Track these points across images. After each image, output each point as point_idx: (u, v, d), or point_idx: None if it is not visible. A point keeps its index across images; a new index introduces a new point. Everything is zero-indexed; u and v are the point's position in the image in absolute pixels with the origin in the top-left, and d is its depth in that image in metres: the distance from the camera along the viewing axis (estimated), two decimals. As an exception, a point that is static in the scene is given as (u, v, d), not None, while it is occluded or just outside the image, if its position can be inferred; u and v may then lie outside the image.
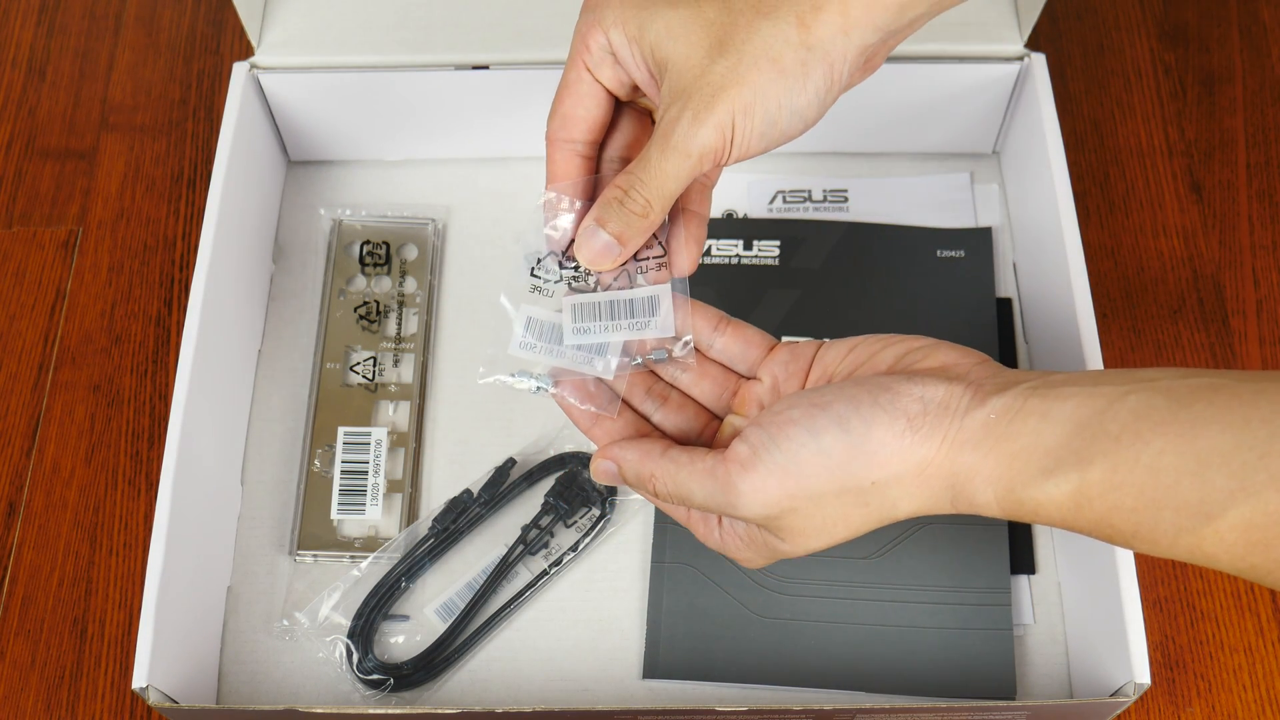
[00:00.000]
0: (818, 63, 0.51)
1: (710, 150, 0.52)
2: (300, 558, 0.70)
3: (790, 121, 0.52)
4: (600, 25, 0.53)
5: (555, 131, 0.56)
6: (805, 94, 0.51)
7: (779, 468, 0.50)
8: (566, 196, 0.56)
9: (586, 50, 0.54)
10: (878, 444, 0.49)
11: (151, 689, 0.60)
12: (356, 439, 0.72)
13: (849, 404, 0.50)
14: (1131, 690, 0.59)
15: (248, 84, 0.75)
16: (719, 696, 0.67)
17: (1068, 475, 0.47)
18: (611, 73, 0.54)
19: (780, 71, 0.51)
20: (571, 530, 0.71)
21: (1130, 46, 0.87)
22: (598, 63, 0.54)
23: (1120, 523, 0.46)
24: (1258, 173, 0.82)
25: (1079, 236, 0.69)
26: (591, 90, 0.55)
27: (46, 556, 0.73)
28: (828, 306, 0.76)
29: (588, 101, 0.55)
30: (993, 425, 0.48)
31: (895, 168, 0.81)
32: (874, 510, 0.51)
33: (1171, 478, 0.45)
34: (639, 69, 0.54)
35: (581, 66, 0.55)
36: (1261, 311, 0.78)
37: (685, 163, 0.52)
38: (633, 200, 0.53)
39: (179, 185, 0.84)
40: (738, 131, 0.51)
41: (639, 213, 0.53)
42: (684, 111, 0.51)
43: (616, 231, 0.54)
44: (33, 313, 0.80)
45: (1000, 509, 0.49)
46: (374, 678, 0.66)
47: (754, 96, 0.51)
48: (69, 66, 0.89)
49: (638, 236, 0.54)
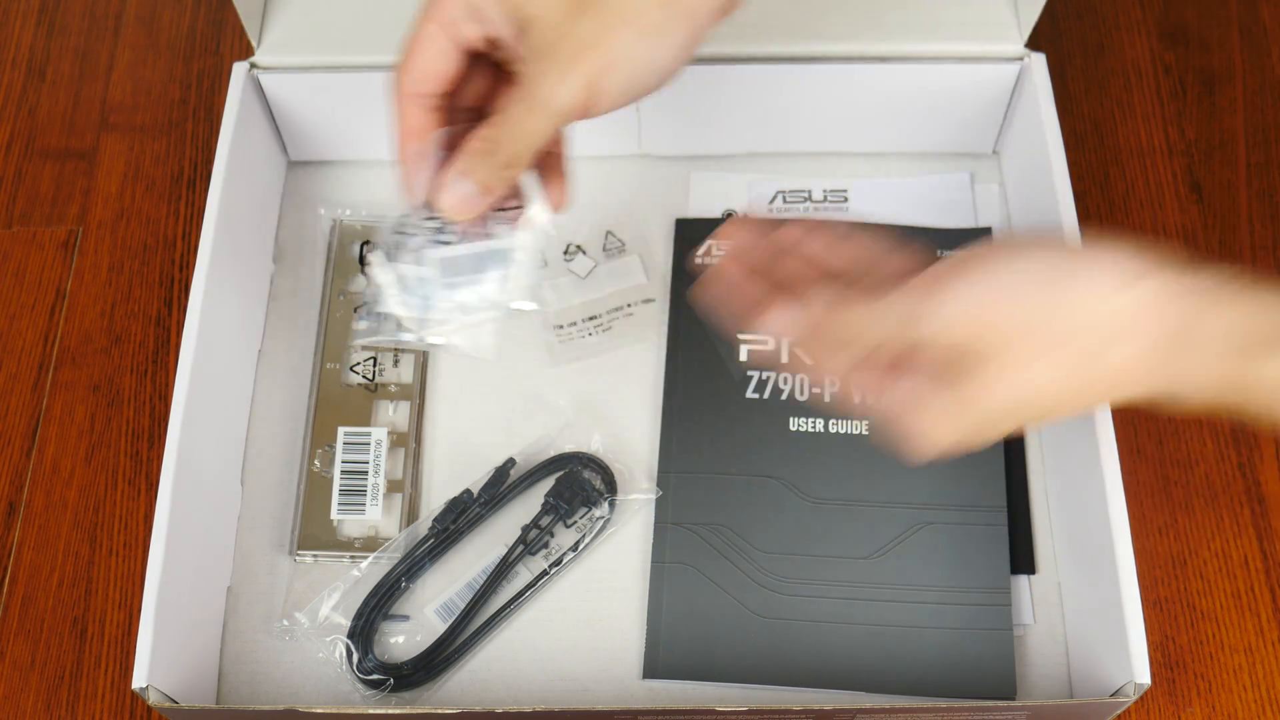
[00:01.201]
0: (678, 18, 0.52)
1: (574, 107, 0.53)
2: (300, 558, 0.70)
3: (651, 77, 0.53)
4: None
5: (407, 86, 0.56)
6: (666, 50, 0.53)
7: (982, 278, 0.49)
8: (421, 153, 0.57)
9: (441, 9, 0.54)
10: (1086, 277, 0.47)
11: (151, 689, 0.60)
12: (356, 439, 0.72)
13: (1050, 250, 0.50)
14: (1132, 690, 0.59)
15: (247, 84, 0.75)
16: (719, 696, 0.67)
17: None
18: (472, 27, 0.55)
19: (640, 30, 0.52)
20: (571, 530, 0.71)
21: (1130, 46, 0.87)
22: (453, 20, 0.55)
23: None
24: (1258, 173, 0.82)
25: (1079, 236, 0.69)
26: (448, 45, 0.55)
27: (46, 556, 0.73)
28: (828, 306, 0.76)
29: (442, 58, 0.56)
30: (1225, 282, 0.47)
31: (895, 168, 0.81)
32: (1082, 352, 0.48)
33: None
34: (503, 25, 0.54)
35: (436, 23, 0.55)
36: (1261, 311, 0.78)
37: (549, 120, 0.53)
38: (498, 154, 0.54)
39: (179, 185, 0.84)
40: (600, 89, 0.53)
41: (503, 164, 0.54)
42: (549, 70, 0.52)
43: (481, 181, 0.55)
44: (33, 313, 0.80)
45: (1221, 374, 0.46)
46: (374, 678, 0.66)
47: (615, 56, 0.52)
48: (69, 66, 0.89)
49: (501, 187, 0.55)
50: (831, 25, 0.75)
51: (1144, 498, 0.73)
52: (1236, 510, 0.73)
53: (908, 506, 0.70)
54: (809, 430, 0.72)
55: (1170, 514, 0.73)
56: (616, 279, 0.78)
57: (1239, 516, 0.72)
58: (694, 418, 0.73)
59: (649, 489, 0.71)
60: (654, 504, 0.71)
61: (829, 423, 0.72)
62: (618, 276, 0.78)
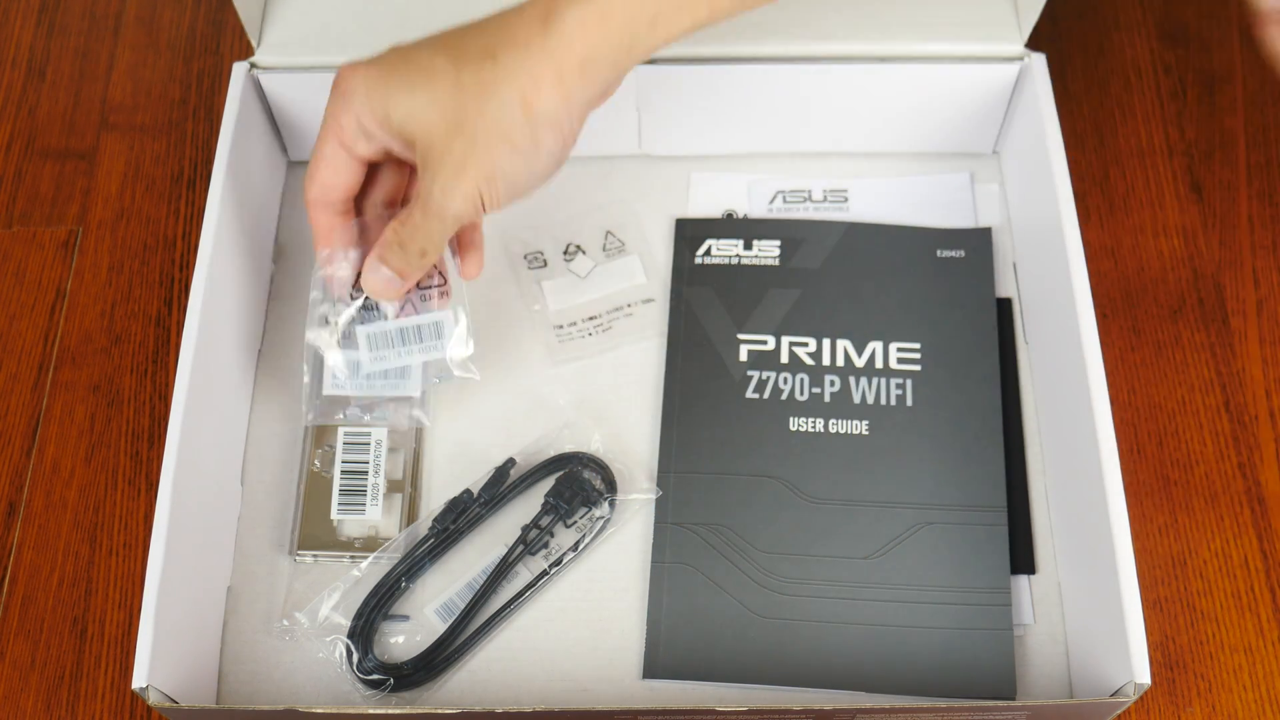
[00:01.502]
0: (546, 131, 0.58)
1: (464, 214, 0.60)
2: (300, 558, 0.70)
3: (531, 181, 0.60)
4: (350, 109, 0.60)
5: (316, 197, 0.64)
6: (540, 159, 0.59)
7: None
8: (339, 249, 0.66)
9: (340, 128, 0.61)
10: None
11: (151, 689, 0.60)
12: (356, 439, 0.72)
13: None
14: (1131, 690, 0.59)
15: (248, 84, 0.75)
16: (719, 696, 0.67)
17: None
18: (366, 145, 0.62)
19: (514, 148, 0.58)
20: (571, 530, 0.71)
21: (1130, 46, 0.87)
22: (352, 138, 0.61)
23: None
24: (1258, 173, 0.82)
25: (1079, 236, 0.69)
26: (347, 162, 0.63)
27: (46, 556, 0.73)
28: (828, 306, 0.76)
29: (344, 171, 0.63)
30: None
31: (895, 168, 0.81)
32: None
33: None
34: (392, 142, 0.61)
35: (336, 141, 0.62)
36: (1261, 311, 0.78)
37: (444, 224, 0.61)
38: (408, 247, 0.62)
39: (179, 185, 0.84)
40: (485, 197, 0.59)
41: (417, 254, 0.62)
42: (434, 184, 0.59)
43: (398, 268, 0.63)
44: (33, 313, 0.80)
45: None
46: (374, 678, 0.66)
47: (493, 169, 0.58)
48: (69, 66, 0.89)
49: (416, 272, 0.63)
50: (831, 25, 0.75)
51: (1144, 498, 0.73)
52: (1236, 510, 0.73)
53: (908, 506, 0.70)
54: (809, 430, 0.72)
55: (1170, 514, 0.73)
56: (616, 279, 0.78)
57: (1239, 516, 0.72)
58: (694, 418, 0.73)
59: (649, 489, 0.71)
60: (654, 504, 0.71)
61: (829, 423, 0.72)
62: (618, 276, 0.78)
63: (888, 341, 0.75)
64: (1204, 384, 0.76)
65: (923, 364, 0.74)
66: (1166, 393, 0.76)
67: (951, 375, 0.73)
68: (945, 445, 0.71)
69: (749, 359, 0.74)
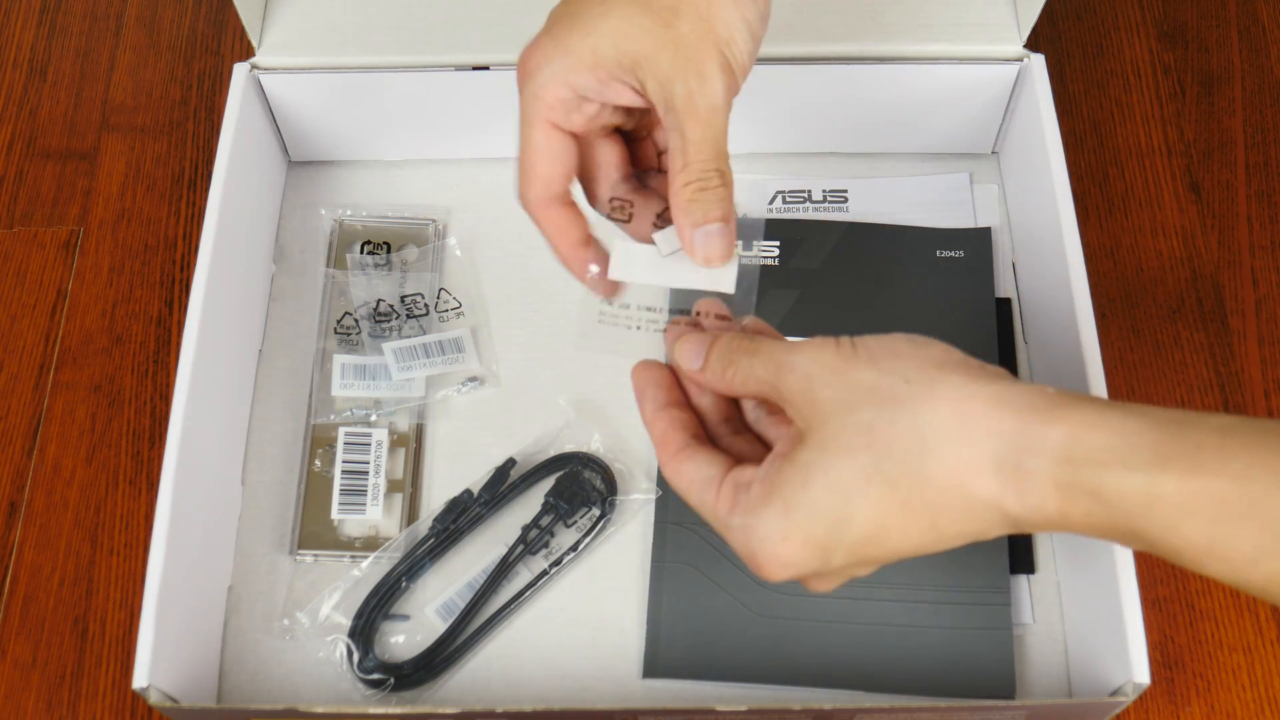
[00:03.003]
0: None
1: (729, 91, 0.53)
2: (301, 557, 0.71)
3: (758, 22, 0.54)
4: (554, 80, 0.54)
5: (539, 194, 0.56)
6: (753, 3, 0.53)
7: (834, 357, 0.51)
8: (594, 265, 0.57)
9: (549, 108, 0.54)
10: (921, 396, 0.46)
11: (152, 689, 0.60)
12: (357, 439, 0.72)
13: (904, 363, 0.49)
14: (1131, 690, 0.59)
15: (248, 84, 0.75)
16: (719, 696, 0.67)
17: (1144, 466, 0.42)
18: (584, 115, 0.55)
19: None
20: (571, 530, 0.71)
21: (1129, 47, 0.87)
22: (565, 111, 0.54)
23: (1194, 533, 0.42)
24: (1257, 173, 0.83)
25: (1078, 236, 0.69)
26: (563, 142, 0.55)
27: (47, 556, 0.73)
28: (827, 307, 0.76)
29: (562, 154, 0.56)
30: (1054, 397, 0.44)
31: (895, 168, 0.81)
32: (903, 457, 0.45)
33: (1261, 491, 0.41)
34: (610, 87, 0.54)
35: (546, 125, 0.55)
36: (1260, 311, 0.78)
37: (721, 116, 0.53)
38: (711, 179, 0.53)
39: (180, 185, 0.84)
40: (734, 62, 0.53)
41: (722, 184, 0.53)
42: (689, 80, 0.52)
43: (721, 215, 0.53)
44: (34, 313, 0.80)
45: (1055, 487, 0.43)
46: (374, 677, 0.67)
47: (728, 29, 0.52)
48: (70, 67, 0.89)
49: (731, 208, 0.54)
50: (831, 25, 0.75)
51: (1143, 497, 0.73)
52: (1235, 510, 0.73)
53: (907, 506, 0.70)
54: (809, 430, 0.72)
55: (1169, 514, 0.73)
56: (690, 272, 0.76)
57: (1238, 516, 0.72)
58: (694, 418, 0.73)
59: (649, 489, 0.71)
60: (654, 504, 0.71)
61: (829, 423, 0.72)
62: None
63: (887, 341, 0.75)
64: (1203, 384, 0.76)
65: (922, 364, 0.74)
66: (1165, 393, 0.76)
67: (951, 375, 0.73)
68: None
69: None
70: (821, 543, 0.47)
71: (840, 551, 0.47)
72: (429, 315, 0.76)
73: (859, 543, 0.47)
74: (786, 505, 0.47)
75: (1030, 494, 0.44)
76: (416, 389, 0.74)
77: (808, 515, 0.47)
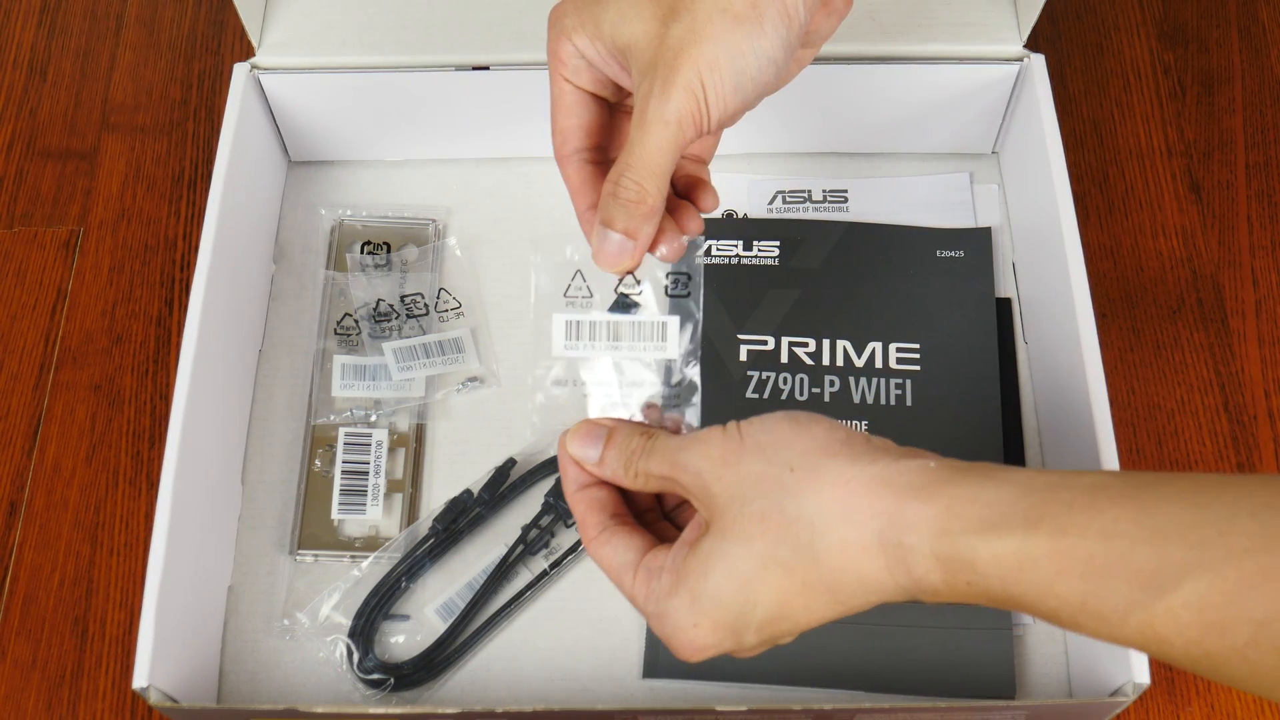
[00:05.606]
0: (769, 5, 0.50)
1: (686, 114, 0.51)
2: (301, 557, 0.71)
3: (759, 68, 0.51)
4: (564, 34, 0.54)
5: (559, 147, 0.56)
6: (765, 37, 0.51)
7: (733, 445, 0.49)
8: None
9: (560, 62, 0.55)
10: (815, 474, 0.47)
11: (152, 689, 0.60)
12: (357, 439, 0.72)
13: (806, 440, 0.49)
14: (1131, 690, 0.59)
15: (248, 84, 0.75)
16: (719, 696, 0.67)
17: (1013, 531, 0.44)
18: (589, 76, 0.55)
19: (735, 19, 0.50)
20: (572, 530, 0.71)
21: (1130, 47, 0.87)
22: (574, 70, 0.55)
23: (1067, 591, 0.43)
24: (1257, 173, 0.83)
25: (1078, 236, 0.69)
26: (577, 98, 0.56)
27: (47, 556, 0.73)
28: (827, 307, 0.76)
29: (577, 109, 0.56)
30: (934, 473, 0.46)
31: (895, 168, 0.81)
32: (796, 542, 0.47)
33: (1126, 545, 0.42)
34: (609, 64, 0.54)
35: (560, 79, 0.56)
36: (1260, 311, 0.78)
37: (665, 133, 0.51)
38: (624, 189, 0.52)
39: (180, 185, 0.84)
40: (708, 89, 0.51)
41: (634, 199, 0.52)
42: (652, 84, 0.51)
43: (623, 227, 0.52)
44: (34, 313, 0.80)
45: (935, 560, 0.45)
46: (374, 677, 0.67)
47: (716, 51, 0.50)
48: (70, 67, 0.89)
49: (643, 225, 0.53)
50: (831, 26, 0.75)
51: (1143, 498, 0.73)
52: (1235, 510, 0.72)
53: (907, 506, 0.70)
54: (809, 430, 0.72)
55: (1169, 514, 0.73)
56: (616, 279, 0.78)
57: (1238, 516, 0.72)
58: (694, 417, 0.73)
59: (649, 489, 0.71)
60: (654, 504, 0.71)
61: (829, 423, 0.72)
62: (617, 276, 0.78)
63: (887, 341, 0.75)
64: (1203, 384, 0.76)
65: (922, 364, 0.74)
66: (1166, 393, 0.76)
67: (951, 375, 0.74)
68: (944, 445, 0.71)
69: (749, 359, 0.74)
70: (731, 626, 0.48)
71: (750, 631, 0.49)
72: (429, 315, 0.76)
73: (767, 622, 0.48)
74: (693, 595, 0.48)
75: (915, 568, 0.46)
76: (416, 389, 0.74)
77: (712, 603, 0.48)
